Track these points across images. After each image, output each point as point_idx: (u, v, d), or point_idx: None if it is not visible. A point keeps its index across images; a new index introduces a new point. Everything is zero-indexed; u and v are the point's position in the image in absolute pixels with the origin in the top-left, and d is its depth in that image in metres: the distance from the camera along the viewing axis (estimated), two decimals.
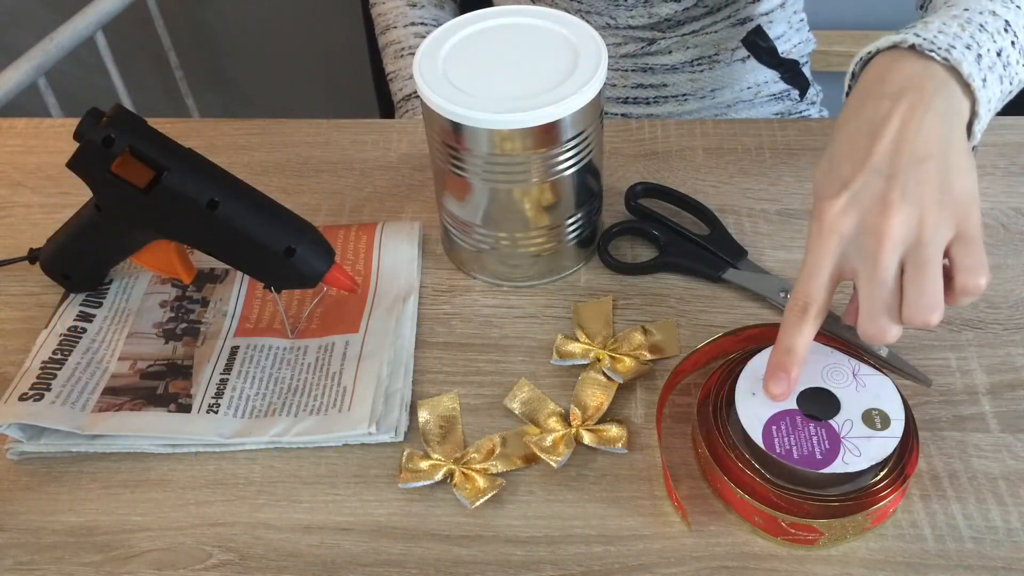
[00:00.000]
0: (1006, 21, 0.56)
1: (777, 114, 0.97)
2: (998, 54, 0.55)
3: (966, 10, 0.57)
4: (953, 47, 0.53)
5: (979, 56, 0.54)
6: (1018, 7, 0.57)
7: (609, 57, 0.90)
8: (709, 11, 0.88)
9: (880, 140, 0.50)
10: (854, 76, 0.57)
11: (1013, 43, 0.57)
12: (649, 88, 0.93)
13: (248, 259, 0.60)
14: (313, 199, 0.75)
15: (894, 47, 0.54)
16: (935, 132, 0.50)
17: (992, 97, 0.54)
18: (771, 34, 0.92)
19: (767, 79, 0.95)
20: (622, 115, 0.95)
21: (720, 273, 0.66)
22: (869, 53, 0.55)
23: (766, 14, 0.92)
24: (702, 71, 0.92)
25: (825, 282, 0.52)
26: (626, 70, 0.92)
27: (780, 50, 0.94)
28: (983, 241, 0.50)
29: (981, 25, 0.56)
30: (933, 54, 0.52)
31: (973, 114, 0.53)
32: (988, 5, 0.57)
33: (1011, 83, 0.57)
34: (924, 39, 0.53)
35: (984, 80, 0.53)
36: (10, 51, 1.21)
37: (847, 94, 0.57)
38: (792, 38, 0.96)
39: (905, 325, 0.50)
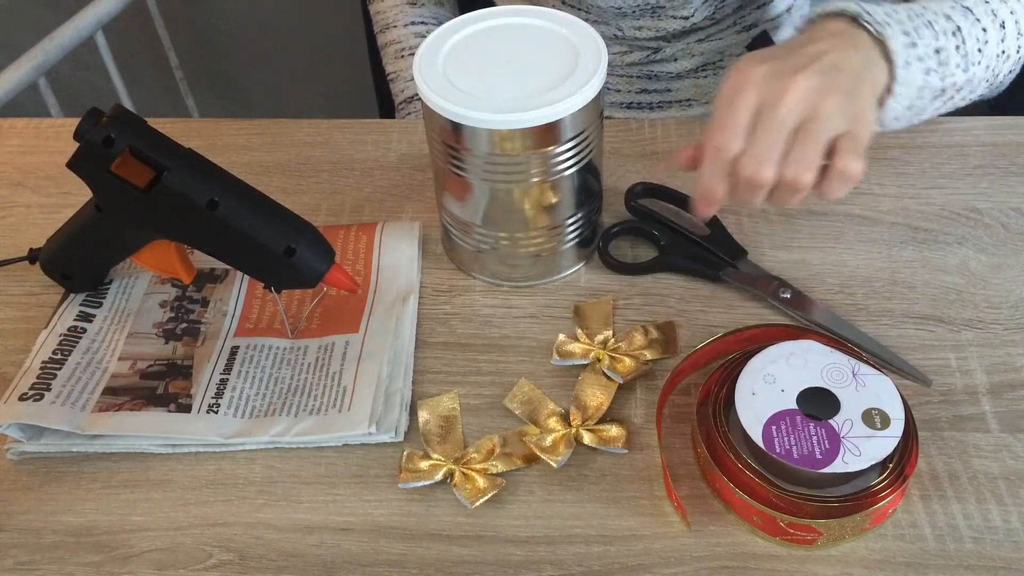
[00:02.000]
0: (958, 26, 0.62)
1: None
2: (936, 51, 0.61)
3: (925, 8, 0.62)
4: (888, 24, 0.59)
5: (913, 43, 0.59)
6: (976, 19, 0.63)
7: (614, 65, 0.90)
8: (715, 21, 0.87)
9: (809, 45, 0.57)
10: (799, 31, 0.62)
11: (958, 48, 0.62)
12: (653, 93, 0.92)
13: (248, 259, 0.60)
14: (313, 199, 0.75)
15: (840, 13, 0.59)
16: (855, 64, 0.57)
17: (913, 83, 0.59)
18: (777, 39, 0.92)
19: None
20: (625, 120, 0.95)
21: (720, 273, 0.66)
22: (816, 14, 0.61)
23: (772, 19, 0.91)
24: (707, 77, 0.91)
25: (741, 123, 0.55)
26: (631, 76, 0.91)
27: None
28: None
29: (929, 22, 0.61)
30: (868, 25, 0.58)
31: (888, 89, 0.59)
32: (946, 10, 0.63)
33: (943, 81, 0.62)
34: (864, 11, 0.59)
35: (907, 63, 0.59)
36: (10, 51, 1.21)
37: None
38: None
39: (778, 179, 0.55)
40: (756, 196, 0.56)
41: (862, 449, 0.51)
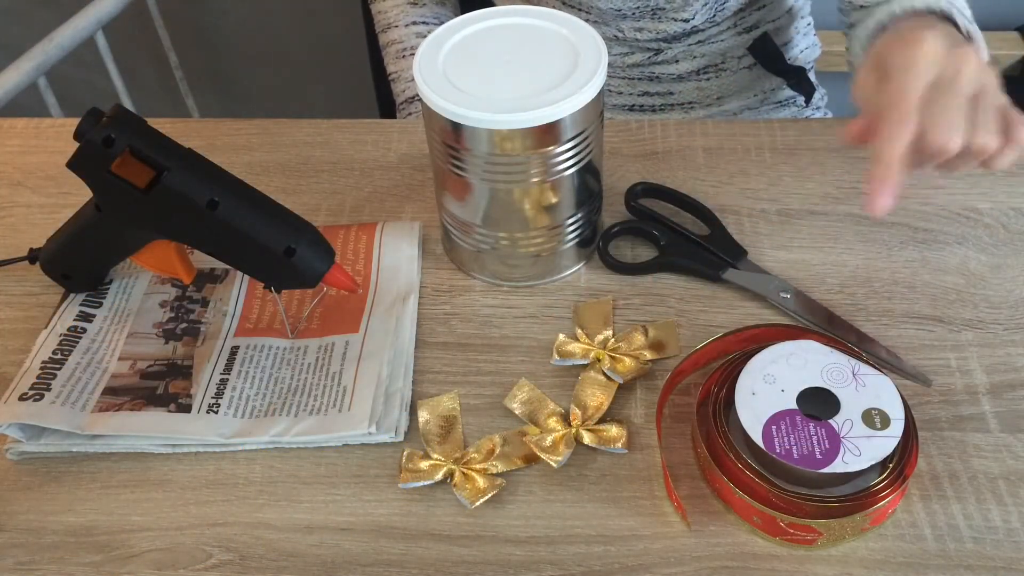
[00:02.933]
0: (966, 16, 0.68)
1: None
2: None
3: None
4: (972, 26, 0.66)
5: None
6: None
7: (616, 66, 0.90)
8: (716, 23, 0.87)
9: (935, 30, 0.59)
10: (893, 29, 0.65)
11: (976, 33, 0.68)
12: (655, 96, 0.92)
13: (248, 259, 0.60)
14: (313, 199, 0.75)
15: (927, 12, 0.65)
16: None
17: None
18: (778, 41, 0.92)
19: (773, 86, 0.94)
20: None
21: (720, 273, 0.66)
22: (895, 15, 0.66)
23: (773, 21, 0.91)
24: (708, 79, 0.91)
25: (921, 89, 0.55)
26: (632, 78, 0.91)
27: (787, 56, 0.93)
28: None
29: (960, 10, 0.67)
30: (960, 26, 0.64)
31: None
32: None
33: None
34: (953, 11, 0.64)
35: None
36: (10, 51, 1.21)
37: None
38: (799, 43, 0.95)
39: (965, 146, 0.55)
40: (935, 162, 0.57)
41: (862, 449, 0.51)
